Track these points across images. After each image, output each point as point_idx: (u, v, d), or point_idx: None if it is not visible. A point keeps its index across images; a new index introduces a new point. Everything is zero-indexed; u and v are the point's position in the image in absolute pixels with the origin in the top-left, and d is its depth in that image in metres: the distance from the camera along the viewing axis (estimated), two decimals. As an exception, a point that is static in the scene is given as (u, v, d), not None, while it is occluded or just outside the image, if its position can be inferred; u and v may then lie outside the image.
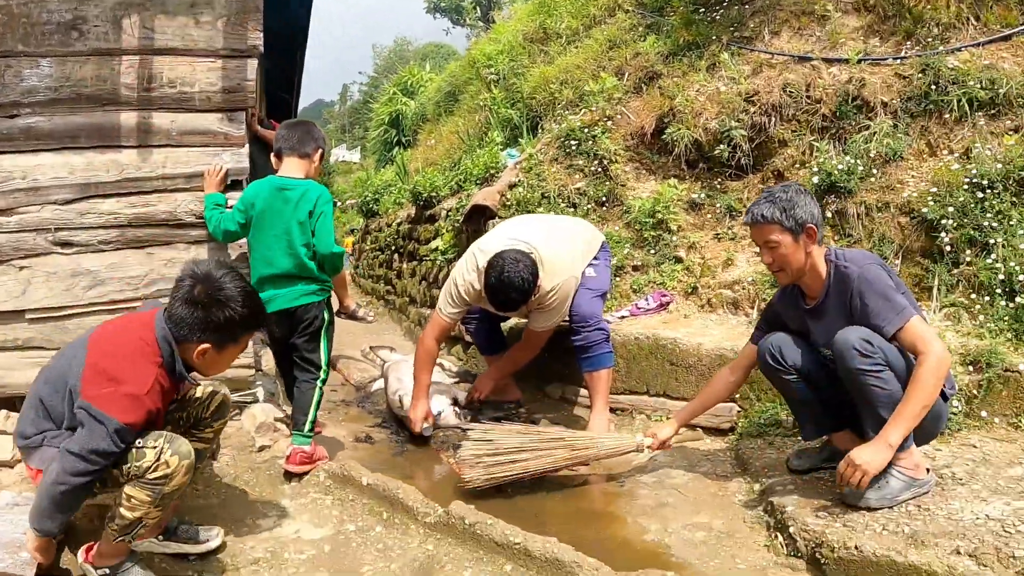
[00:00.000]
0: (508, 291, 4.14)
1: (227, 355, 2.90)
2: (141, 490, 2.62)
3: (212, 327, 2.75)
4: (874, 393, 3.02)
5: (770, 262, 3.32)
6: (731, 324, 5.05)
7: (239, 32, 4.09)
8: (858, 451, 2.99)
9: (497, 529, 3.06)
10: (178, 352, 2.76)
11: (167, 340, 2.74)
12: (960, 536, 2.75)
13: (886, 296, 3.04)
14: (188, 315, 2.73)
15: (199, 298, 2.73)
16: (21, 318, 4.05)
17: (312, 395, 3.98)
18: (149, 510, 2.66)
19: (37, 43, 3.96)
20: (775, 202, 3.22)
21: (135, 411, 2.58)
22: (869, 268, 3.13)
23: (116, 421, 2.52)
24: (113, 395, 2.56)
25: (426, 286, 8.29)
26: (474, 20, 25.03)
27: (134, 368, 2.64)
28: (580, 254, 4.64)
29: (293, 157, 4.06)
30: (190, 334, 2.74)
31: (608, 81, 6.90)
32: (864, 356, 3.00)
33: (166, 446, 2.64)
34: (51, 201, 4.02)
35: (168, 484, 2.64)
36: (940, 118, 5.25)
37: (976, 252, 4.55)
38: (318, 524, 3.39)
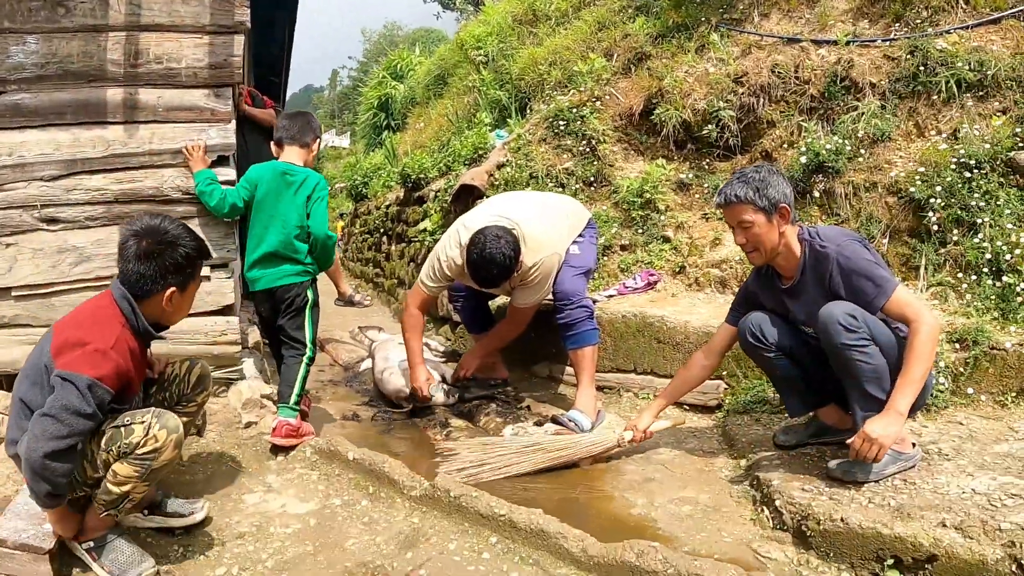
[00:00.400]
0: (489, 267, 4.12)
1: (188, 294, 2.98)
2: (129, 465, 2.63)
3: (173, 269, 2.82)
4: (860, 368, 3.03)
5: (744, 242, 3.32)
6: (718, 303, 5.05)
7: (226, 8, 4.07)
8: (871, 424, 2.97)
9: (482, 501, 3.07)
10: (141, 309, 2.81)
11: (125, 298, 2.79)
12: (946, 509, 2.77)
13: (868, 272, 3.05)
14: (147, 269, 2.78)
15: (150, 249, 2.78)
16: (7, 295, 4.04)
17: (298, 370, 4.05)
18: (136, 484, 2.67)
19: (23, 19, 3.94)
20: (748, 182, 3.22)
21: (103, 364, 2.59)
22: (846, 245, 3.13)
23: (85, 376, 2.53)
24: (81, 355, 2.57)
25: (414, 267, 8.27)
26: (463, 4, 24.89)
27: (98, 328, 2.68)
28: (565, 231, 4.62)
29: (294, 147, 4.23)
30: (154, 285, 2.80)
31: (597, 62, 6.89)
32: (849, 331, 3.01)
33: (154, 421, 2.65)
34: (37, 177, 4.00)
35: (157, 458, 2.65)
36: (928, 99, 5.26)
37: (963, 232, 4.57)
38: (304, 499, 3.38)
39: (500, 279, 4.21)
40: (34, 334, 4.04)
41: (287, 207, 4.07)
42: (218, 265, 4.18)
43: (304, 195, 4.09)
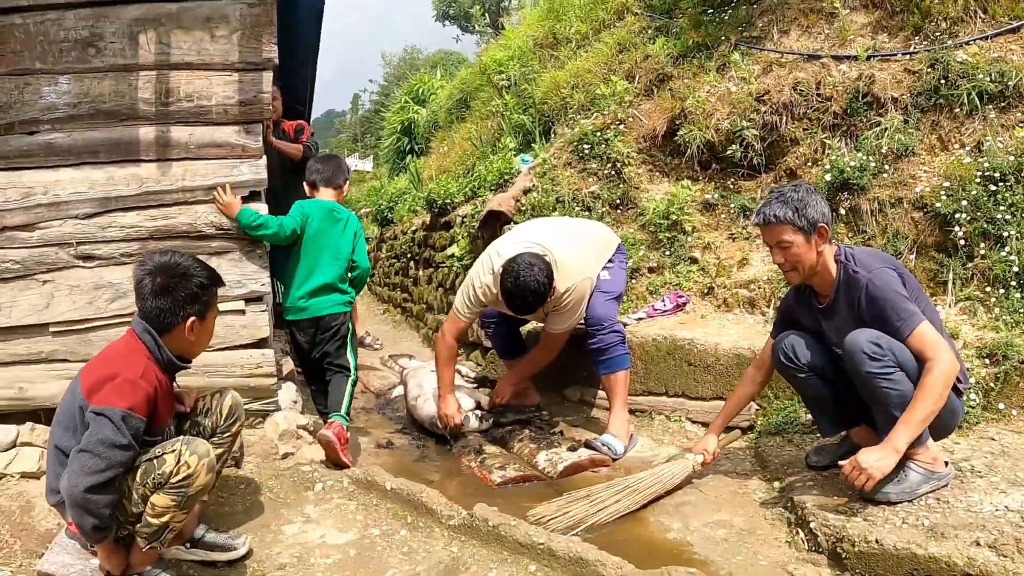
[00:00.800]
0: (524, 295, 4.17)
1: (209, 322, 3.06)
2: (166, 495, 2.68)
3: (190, 300, 2.92)
4: (886, 394, 3.04)
5: (782, 262, 3.33)
6: (748, 323, 5.06)
7: (254, 45, 4.13)
8: (864, 454, 3.01)
9: (521, 530, 3.09)
10: (164, 341, 2.90)
11: (147, 332, 2.89)
12: (980, 528, 2.77)
13: (893, 303, 3.06)
14: (165, 303, 2.88)
15: (166, 284, 2.88)
16: (45, 331, 4.12)
17: (345, 387, 4.51)
18: (175, 514, 2.73)
19: (55, 60, 4.04)
20: (787, 202, 3.24)
21: (134, 394, 2.68)
22: (878, 274, 3.14)
23: (119, 408, 2.62)
24: (111, 388, 2.66)
25: (443, 292, 8.32)
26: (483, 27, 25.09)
27: (124, 361, 2.78)
28: (595, 256, 4.66)
29: (329, 188, 4.74)
30: (174, 317, 2.90)
31: (619, 84, 6.93)
32: (873, 359, 3.02)
33: (184, 448, 2.72)
34: (72, 215, 4.09)
35: (191, 485, 2.71)
36: (950, 112, 5.24)
37: (990, 245, 4.55)
38: (343, 529, 3.42)
39: (535, 306, 4.26)
40: (72, 368, 4.10)
41: (339, 241, 4.57)
42: (253, 299, 4.24)
43: (351, 231, 4.62)
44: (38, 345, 4.12)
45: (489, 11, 26.67)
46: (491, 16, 26.26)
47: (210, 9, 4.10)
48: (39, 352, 4.13)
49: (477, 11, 26.51)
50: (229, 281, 4.16)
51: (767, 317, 5.05)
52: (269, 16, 4.15)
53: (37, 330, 4.11)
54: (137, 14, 4.06)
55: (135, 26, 4.07)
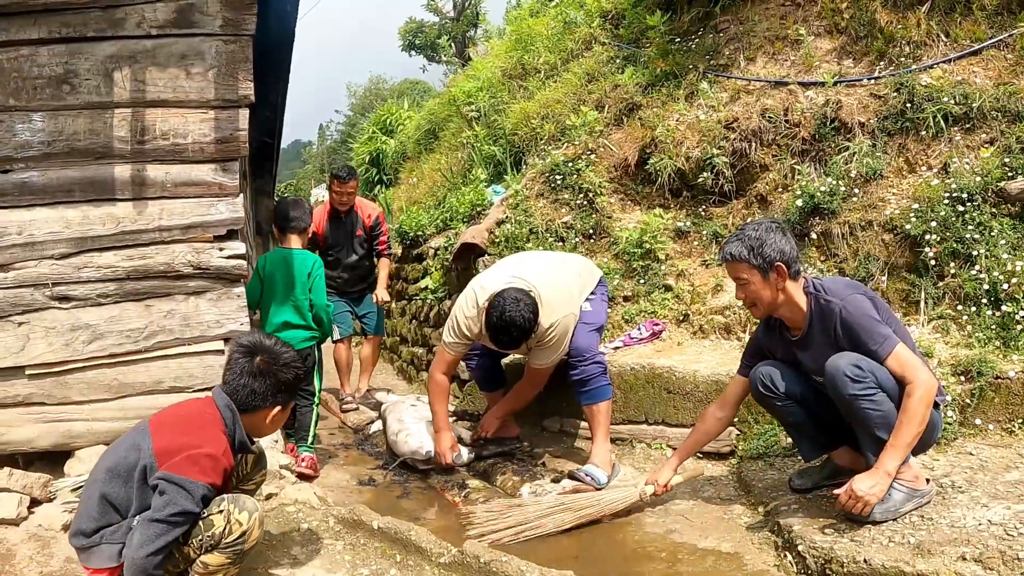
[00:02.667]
0: (510, 330, 4.19)
1: (287, 411, 3.10)
2: (220, 554, 2.69)
3: (283, 389, 2.96)
4: (869, 415, 3.10)
5: (743, 297, 3.43)
6: (724, 349, 5.10)
7: (229, 83, 4.11)
8: (859, 481, 3.08)
9: (512, 565, 3.07)
10: (241, 422, 2.90)
11: (230, 408, 2.87)
12: (964, 542, 2.82)
13: (868, 328, 3.13)
14: (259, 385, 2.90)
15: (265, 367, 2.91)
16: (21, 374, 4.04)
17: (310, 415, 4.85)
18: (229, 569, 2.74)
19: (28, 97, 3.97)
20: (743, 240, 3.33)
21: (215, 472, 2.68)
22: (850, 300, 3.21)
23: (199, 483, 2.61)
24: (192, 458, 2.64)
25: (416, 325, 8.31)
26: (450, 57, 25.22)
27: (207, 434, 2.76)
28: (578, 290, 4.69)
29: (294, 234, 5.03)
30: (263, 401, 2.92)
31: (589, 115, 6.99)
32: (855, 381, 3.08)
33: (232, 508, 2.71)
34: (47, 256, 4.02)
35: (246, 542, 2.73)
36: (917, 135, 5.36)
37: (960, 264, 4.65)
38: (331, 570, 3.37)
39: (520, 341, 4.29)
40: (48, 412, 4.07)
41: (291, 283, 4.80)
42: (231, 339, 4.20)
43: (305, 273, 4.85)
44: (14, 388, 4.05)
45: (455, 41, 26.81)
46: (457, 46, 26.41)
47: (185, 46, 4.07)
48: (15, 395, 4.05)
49: (444, 42, 26.63)
50: (207, 321, 4.16)
51: (743, 342, 5.08)
52: (245, 53, 4.13)
53: (12, 373, 4.03)
54: (112, 51, 4.01)
55: (110, 63, 4.02)
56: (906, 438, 3.03)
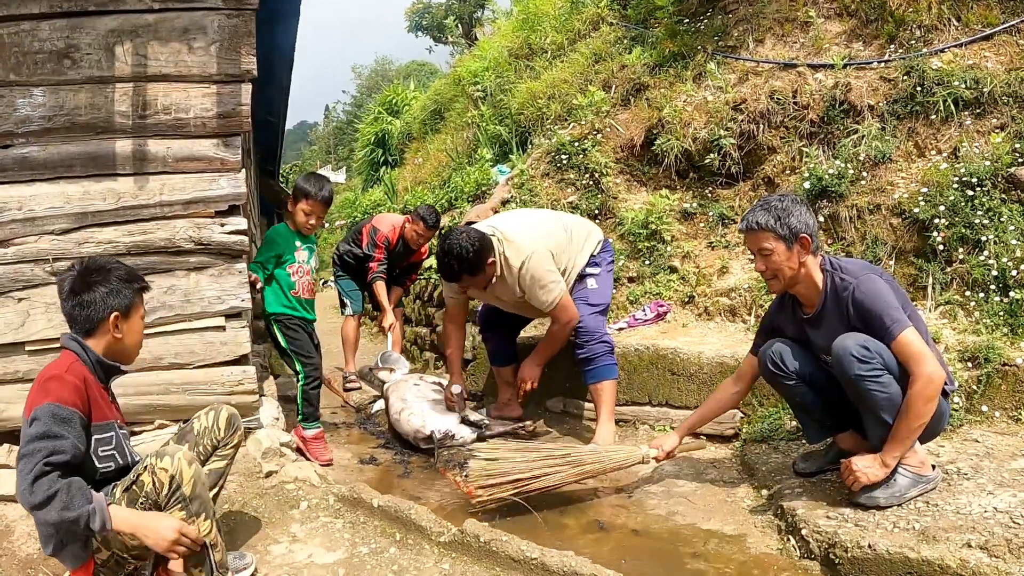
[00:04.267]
0: (447, 258, 4.34)
1: (134, 320, 2.89)
2: (174, 512, 2.60)
3: (108, 294, 2.78)
4: (875, 397, 3.06)
5: (763, 269, 3.35)
6: (729, 331, 5.07)
7: (232, 57, 4.06)
8: (858, 459, 3.13)
9: (513, 545, 3.05)
10: (92, 346, 2.77)
11: (73, 339, 2.76)
12: (970, 529, 2.79)
13: (880, 310, 3.08)
14: (84, 302, 2.75)
15: (79, 284, 2.76)
16: (21, 350, 4.01)
17: (295, 395, 4.68)
18: (197, 523, 2.63)
19: (29, 72, 3.93)
20: (770, 210, 3.26)
21: (59, 388, 2.55)
22: (865, 280, 3.16)
23: (46, 404, 2.49)
24: (38, 391, 2.55)
25: (420, 304, 8.28)
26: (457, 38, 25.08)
27: (50, 368, 2.67)
28: (558, 234, 4.67)
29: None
30: (94, 314, 2.76)
31: (596, 95, 6.95)
32: (862, 362, 3.04)
33: (153, 460, 2.61)
34: (48, 231, 3.99)
35: (183, 484, 2.60)
36: (927, 119, 5.30)
37: (968, 250, 4.60)
38: (330, 548, 3.36)
39: (461, 272, 4.38)
40: (50, 388, 4.05)
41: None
42: (232, 315, 4.17)
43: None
44: (14, 364, 4.01)
45: (462, 21, 26.68)
46: (464, 27, 26.27)
47: (188, 20, 4.02)
48: (15, 371, 4.02)
49: (451, 22, 26.49)
50: (209, 297, 4.13)
51: (748, 325, 5.07)
52: (248, 27, 4.07)
53: (13, 349, 4.00)
54: (113, 25, 3.97)
55: (111, 37, 3.97)
56: (907, 430, 3.03)
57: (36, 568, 3.12)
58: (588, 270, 4.73)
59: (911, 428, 3.02)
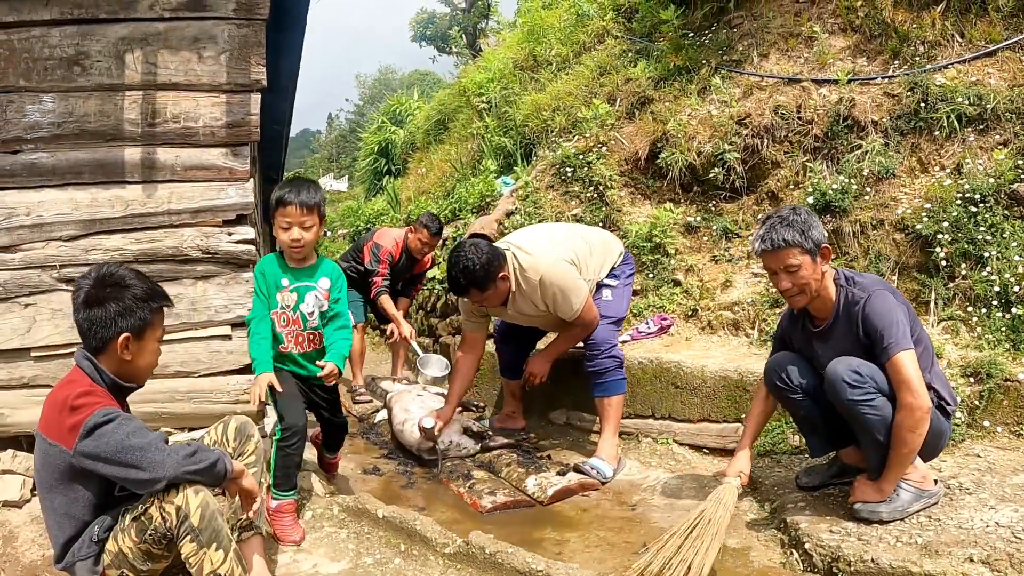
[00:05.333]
0: (453, 272, 4.26)
1: (148, 341, 2.79)
2: (184, 544, 2.52)
3: (121, 313, 2.68)
4: (869, 420, 3.09)
5: (789, 287, 3.27)
6: (733, 345, 5.08)
7: (242, 67, 4.09)
8: (861, 487, 3.22)
9: (519, 557, 3.05)
10: (103, 364, 2.70)
11: (86, 358, 2.69)
12: (972, 544, 2.80)
13: (883, 326, 3.08)
14: (95, 315, 2.66)
15: (96, 295, 2.67)
16: (26, 356, 4.03)
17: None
18: (208, 553, 2.53)
19: (39, 78, 3.97)
20: (792, 225, 3.21)
21: (93, 397, 2.55)
22: (876, 294, 3.16)
23: (96, 411, 2.49)
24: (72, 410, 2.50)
25: (423, 315, 8.29)
26: (461, 48, 25.16)
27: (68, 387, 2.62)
28: (577, 246, 4.62)
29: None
30: (106, 332, 2.66)
31: (601, 107, 6.97)
32: (853, 387, 3.07)
33: (161, 495, 2.52)
34: (55, 237, 4.02)
35: (191, 516, 2.50)
36: (930, 135, 5.32)
37: (971, 265, 4.61)
38: (335, 558, 3.35)
39: (469, 286, 4.28)
40: (55, 394, 4.06)
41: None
42: (239, 324, 4.17)
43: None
44: (19, 370, 4.04)
45: (466, 32, 26.75)
46: (468, 38, 26.35)
47: (198, 30, 4.05)
48: (20, 377, 4.04)
49: (456, 32, 26.55)
50: (215, 306, 4.14)
51: (752, 339, 5.07)
52: (258, 37, 4.11)
53: (18, 355, 4.02)
54: (124, 33, 4.01)
55: (121, 45, 4.01)
56: (896, 461, 3.10)
57: (39, 575, 3.12)
58: (606, 281, 4.72)
59: (901, 456, 3.06)
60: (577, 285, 4.41)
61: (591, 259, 4.64)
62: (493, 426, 5.09)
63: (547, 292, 4.37)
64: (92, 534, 2.61)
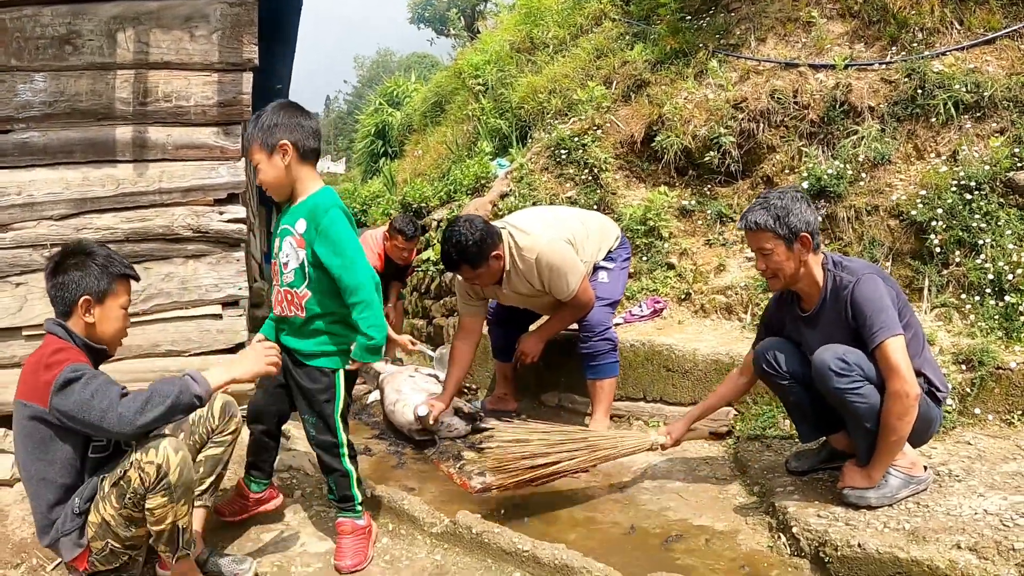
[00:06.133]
0: (445, 245, 4.29)
1: (110, 308, 2.82)
2: (155, 498, 2.54)
3: (83, 277, 2.75)
4: (856, 408, 3.09)
5: (763, 268, 3.33)
6: (725, 329, 5.08)
7: (234, 46, 4.07)
8: (850, 472, 3.23)
9: (505, 537, 3.06)
10: (72, 327, 2.75)
11: (57, 324, 2.75)
12: (960, 531, 2.80)
13: (872, 311, 3.07)
14: (62, 283, 2.74)
15: (59, 264, 2.76)
16: (18, 335, 4.02)
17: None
18: (174, 508, 2.58)
19: (31, 57, 3.95)
20: (768, 208, 3.22)
21: (70, 353, 2.61)
22: (865, 279, 3.14)
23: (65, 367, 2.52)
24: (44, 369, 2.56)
25: (417, 297, 8.28)
26: (459, 30, 25.05)
27: (46, 347, 2.68)
28: (573, 226, 4.67)
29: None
30: (69, 295, 2.73)
31: (597, 90, 6.94)
32: (840, 375, 3.06)
33: (139, 455, 2.54)
34: (47, 216, 4.00)
35: (171, 474, 2.54)
36: (927, 122, 5.31)
37: (965, 253, 4.61)
38: (323, 537, 3.36)
39: (460, 262, 4.30)
40: (45, 373, 4.05)
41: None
42: (229, 303, 4.18)
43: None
44: (11, 349, 4.03)
45: (464, 15, 26.62)
46: (466, 20, 26.22)
47: (190, 8, 4.04)
48: (12, 356, 4.02)
49: (454, 14, 26.42)
50: (206, 285, 4.13)
51: (744, 323, 5.08)
52: (250, 15, 4.09)
53: (10, 334, 4.02)
54: (116, 12, 3.99)
55: (113, 24, 3.99)
56: (884, 448, 3.10)
57: (30, 552, 3.12)
58: (603, 263, 4.74)
59: (889, 443, 3.06)
60: (574, 265, 4.42)
61: (588, 242, 4.68)
62: (485, 408, 5.09)
63: (543, 271, 4.38)
64: (73, 506, 2.63)
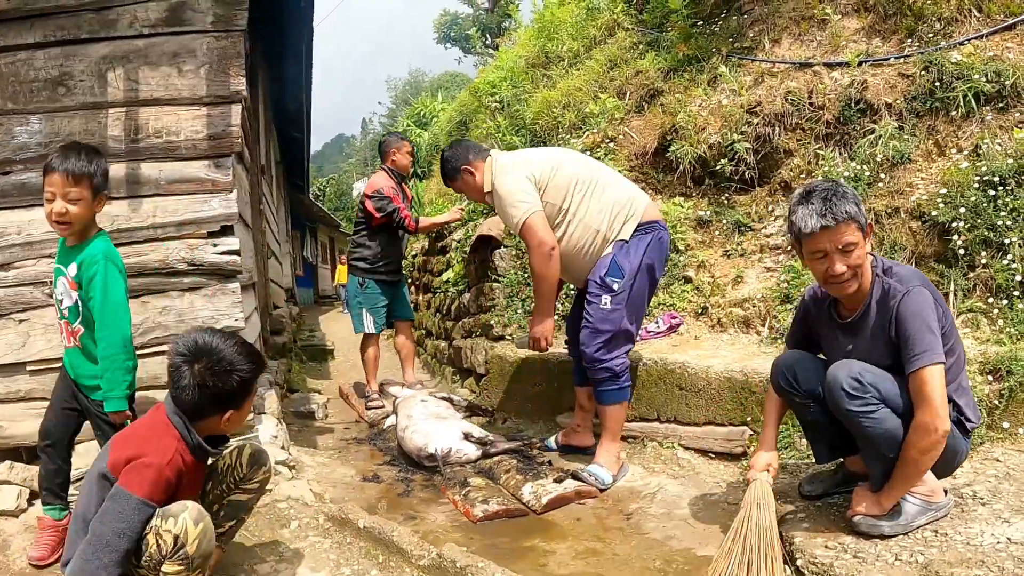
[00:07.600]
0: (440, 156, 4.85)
1: (245, 408, 2.93)
2: (171, 564, 2.57)
3: (228, 396, 2.78)
4: (869, 432, 2.88)
5: (842, 271, 2.90)
6: (743, 343, 4.91)
7: (221, 79, 4.11)
8: (861, 497, 3.01)
9: (488, 572, 2.95)
10: (195, 427, 2.78)
11: (177, 415, 2.75)
12: (978, 564, 2.59)
13: (917, 331, 2.79)
14: (202, 397, 2.74)
15: (205, 379, 2.73)
16: (22, 370, 4.08)
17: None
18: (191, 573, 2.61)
19: (26, 100, 4.03)
20: (846, 196, 2.85)
21: (155, 483, 2.58)
22: (915, 293, 2.85)
23: (135, 497, 2.53)
24: (134, 470, 2.57)
25: (440, 318, 8.23)
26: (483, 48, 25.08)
27: (155, 443, 2.67)
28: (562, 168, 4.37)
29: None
30: (210, 410, 2.78)
31: (609, 102, 6.86)
32: (852, 397, 2.85)
33: (158, 523, 2.57)
34: (46, 255, 4.03)
35: (188, 545, 2.56)
36: (947, 116, 5.10)
37: (991, 253, 4.38)
38: (315, 569, 3.30)
39: (442, 175, 4.96)
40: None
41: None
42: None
43: None
44: (16, 384, 4.08)
45: (489, 32, 26.69)
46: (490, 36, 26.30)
47: (177, 44, 4.09)
48: (17, 391, 4.08)
49: (475, 32, 26.46)
50: (203, 317, 4.13)
51: (762, 337, 4.91)
52: (236, 48, 4.12)
53: (14, 369, 4.07)
54: (105, 52, 4.06)
55: (103, 64, 4.06)
56: (900, 479, 2.87)
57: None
58: (608, 279, 4.21)
59: (907, 475, 2.84)
60: (518, 198, 4.24)
61: (591, 192, 4.29)
62: (558, 442, 4.86)
63: (496, 195, 4.43)
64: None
